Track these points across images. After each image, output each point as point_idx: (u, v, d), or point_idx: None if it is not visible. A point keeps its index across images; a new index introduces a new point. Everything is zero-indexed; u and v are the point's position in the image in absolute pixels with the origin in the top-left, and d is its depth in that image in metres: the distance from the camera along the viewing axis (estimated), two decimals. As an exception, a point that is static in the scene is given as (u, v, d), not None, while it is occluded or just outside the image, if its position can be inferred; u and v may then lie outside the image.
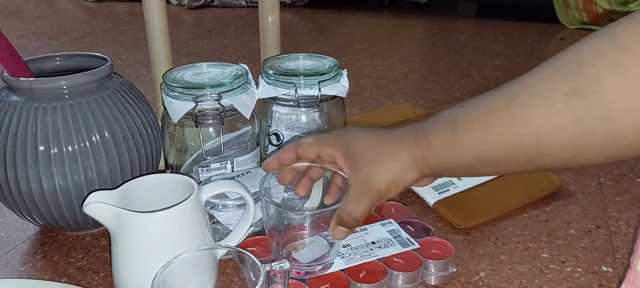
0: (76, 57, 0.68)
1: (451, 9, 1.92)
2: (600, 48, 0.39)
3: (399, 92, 1.16)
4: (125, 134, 0.62)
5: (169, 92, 0.64)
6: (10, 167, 0.59)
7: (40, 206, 0.60)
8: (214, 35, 1.68)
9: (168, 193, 0.54)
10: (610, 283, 0.59)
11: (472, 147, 0.45)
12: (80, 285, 0.59)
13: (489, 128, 0.44)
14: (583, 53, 0.40)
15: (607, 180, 0.79)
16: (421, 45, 1.62)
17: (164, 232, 0.50)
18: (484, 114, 0.44)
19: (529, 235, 0.67)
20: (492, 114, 0.44)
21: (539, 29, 1.68)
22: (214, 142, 0.65)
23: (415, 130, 0.49)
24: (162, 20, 0.73)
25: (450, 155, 0.47)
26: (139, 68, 1.35)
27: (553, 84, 0.40)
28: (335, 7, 2.02)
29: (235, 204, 0.59)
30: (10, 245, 0.66)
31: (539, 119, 0.41)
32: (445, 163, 0.48)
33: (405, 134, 0.50)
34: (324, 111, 0.71)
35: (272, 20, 0.80)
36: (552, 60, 0.42)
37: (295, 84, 0.66)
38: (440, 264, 0.58)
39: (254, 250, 0.59)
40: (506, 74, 1.28)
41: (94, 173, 0.60)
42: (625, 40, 0.38)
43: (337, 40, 1.65)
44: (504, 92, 0.44)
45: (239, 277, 0.59)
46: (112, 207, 0.49)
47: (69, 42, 1.61)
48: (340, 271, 0.56)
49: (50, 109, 0.59)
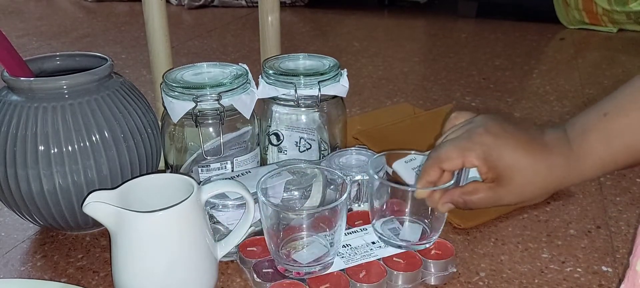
0: (76, 57, 0.68)
1: (451, 9, 1.92)
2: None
3: (399, 92, 1.16)
4: (125, 134, 0.62)
5: (169, 92, 0.64)
6: (10, 167, 0.59)
7: (40, 206, 0.60)
8: (214, 35, 1.68)
9: (168, 193, 0.54)
10: (610, 283, 0.59)
11: (627, 153, 0.45)
12: (80, 285, 0.59)
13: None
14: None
15: (607, 180, 0.79)
16: (421, 45, 1.62)
17: (164, 232, 0.50)
18: (635, 119, 0.44)
19: (529, 235, 0.67)
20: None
21: (539, 29, 1.68)
22: (214, 142, 0.65)
23: (561, 138, 0.48)
24: (162, 20, 0.73)
25: (601, 164, 0.46)
26: (139, 68, 1.35)
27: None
28: (335, 7, 2.02)
29: (235, 204, 0.59)
30: (10, 245, 0.66)
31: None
32: (596, 170, 0.47)
33: (554, 140, 0.48)
34: (324, 111, 0.71)
35: (272, 20, 0.80)
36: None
37: (295, 84, 0.66)
38: (440, 264, 0.58)
39: (254, 250, 0.59)
40: (506, 73, 1.28)
41: (94, 173, 0.60)
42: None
43: (337, 40, 1.65)
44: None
45: (241, 277, 0.60)
46: (112, 207, 0.49)
47: (69, 42, 1.61)
48: (340, 271, 0.56)
49: (50, 109, 0.59)
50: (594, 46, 1.52)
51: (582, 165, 0.47)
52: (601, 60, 1.38)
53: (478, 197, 0.51)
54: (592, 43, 1.54)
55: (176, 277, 0.51)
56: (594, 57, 1.42)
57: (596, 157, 0.46)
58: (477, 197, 0.51)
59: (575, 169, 0.47)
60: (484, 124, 0.50)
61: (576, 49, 1.48)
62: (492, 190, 0.50)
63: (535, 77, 1.27)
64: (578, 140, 0.47)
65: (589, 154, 0.46)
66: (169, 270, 0.50)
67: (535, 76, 1.28)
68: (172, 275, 0.50)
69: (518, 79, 1.25)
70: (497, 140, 0.49)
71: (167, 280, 0.50)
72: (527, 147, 0.48)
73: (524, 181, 0.48)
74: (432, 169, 0.52)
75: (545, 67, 1.36)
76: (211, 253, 0.54)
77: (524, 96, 1.14)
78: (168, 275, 0.50)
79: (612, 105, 0.46)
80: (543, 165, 0.47)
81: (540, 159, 0.47)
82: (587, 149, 0.46)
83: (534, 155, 0.47)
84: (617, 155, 0.45)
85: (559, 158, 0.47)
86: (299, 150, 0.71)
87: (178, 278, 0.51)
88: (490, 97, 1.14)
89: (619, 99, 0.46)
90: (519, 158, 0.48)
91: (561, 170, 0.47)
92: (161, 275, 0.50)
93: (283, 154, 0.71)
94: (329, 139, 0.73)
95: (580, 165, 0.47)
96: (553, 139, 0.48)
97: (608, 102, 0.46)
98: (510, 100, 1.12)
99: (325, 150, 0.72)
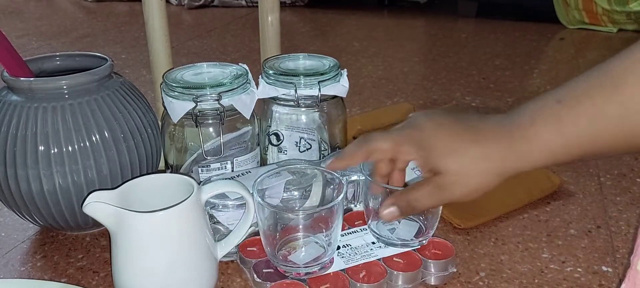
0: (76, 57, 0.68)
1: (451, 9, 1.92)
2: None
3: (399, 92, 1.16)
4: (125, 134, 0.62)
5: (169, 92, 0.64)
6: (10, 167, 0.59)
7: (40, 206, 0.60)
8: (214, 35, 1.68)
9: (168, 193, 0.54)
10: (610, 283, 0.59)
11: (579, 142, 0.43)
12: (80, 285, 0.59)
13: (597, 123, 0.42)
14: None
15: (607, 180, 0.79)
16: (421, 45, 1.62)
17: (164, 232, 0.50)
18: (590, 107, 0.42)
19: (529, 235, 0.67)
20: (600, 107, 0.41)
21: (539, 29, 1.68)
22: (214, 142, 0.65)
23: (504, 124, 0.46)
24: (162, 20, 0.73)
25: (551, 153, 0.44)
26: (139, 68, 1.35)
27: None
28: (335, 7, 2.02)
29: (235, 204, 0.59)
30: (10, 245, 0.66)
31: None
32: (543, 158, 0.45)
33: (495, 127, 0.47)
34: (324, 111, 0.71)
35: (272, 20, 0.80)
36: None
37: (295, 84, 0.66)
38: (440, 264, 0.58)
39: (254, 250, 0.59)
40: (506, 73, 1.28)
41: (94, 173, 0.60)
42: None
43: (336, 40, 1.65)
44: (607, 81, 0.42)
45: (241, 277, 0.59)
46: (112, 207, 0.49)
47: (69, 42, 1.61)
48: (340, 271, 0.56)
49: (50, 109, 0.59)
50: (594, 46, 1.52)
51: (530, 153, 0.45)
52: (601, 60, 1.36)
53: (420, 193, 0.49)
54: (592, 43, 1.54)
55: (176, 277, 0.51)
56: (594, 57, 1.42)
57: (545, 145, 0.44)
58: (420, 194, 0.49)
59: (520, 156, 0.45)
60: (417, 118, 0.49)
61: (576, 49, 1.48)
62: (433, 185, 0.48)
63: (535, 77, 1.27)
64: (526, 126, 0.45)
65: (538, 142, 0.44)
66: (169, 270, 0.50)
67: (535, 76, 1.28)
68: (172, 275, 0.50)
69: (518, 79, 1.25)
70: (429, 131, 0.48)
71: (167, 280, 0.50)
72: (462, 135, 0.47)
73: (461, 170, 0.47)
74: (355, 153, 0.51)
75: (545, 67, 1.36)
76: (211, 253, 0.54)
77: (524, 96, 1.14)
78: (168, 275, 0.50)
79: (566, 93, 0.44)
80: (478, 152, 0.46)
81: (474, 147, 0.46)
82: (536, 136, 0.44)
83: (467, 143, 0.46)
84: (569, 144, 0.43)
85: (497, 145, 0.45)
86: (299, 150, 0.71)
87: (178, 278, 0.51)
88: (490, 97, 1.14)
89: (573, 87, 0.44)
90: (452, 147, 0.47)
91: (500, 157, 0.45)
92: (161, 275, 0.50)
93: (283, 154, 0.71)
94: (329, 139, 0.73)
95: (526, 152, 0.45)
96: (492, 126, 0.47)
97: (562, 89, 0.44)
98: (510, 100, 1.12)
99: (326, 150, 0.72)
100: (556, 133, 0.43)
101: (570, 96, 0.43)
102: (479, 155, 0.46)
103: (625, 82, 0.40)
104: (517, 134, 0.45)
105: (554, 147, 0.44)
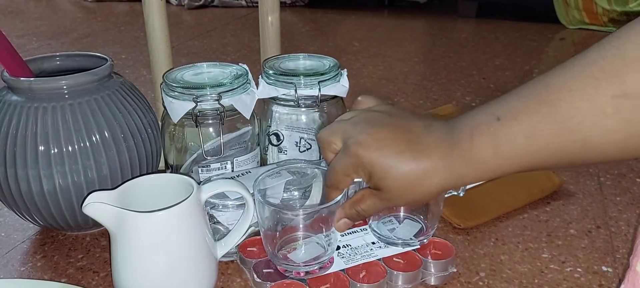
0: (76, 57, 0.68)
1: (451, 9, 1.92)
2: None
3: (399, 92, 1.16)
4: (125, 134, 0.62)
5: (169, 92, 0.64)
6: (10, 167, 0.59)
7: (40, 206, 0.60)
8: (214, 35, 1.68)
9: (168, 193, 0.54)
10: (610, 283, 0.59)
11: (515, 160, 0.43)
12: (80, 285, 0.59)
13: (534, 142, 0.41)
14: (627, 50, 0.38)
15: (607, 180, 0.79)
16: (421, 45, 1.62)
17: (164, 232, 0.50)
18: (527, 126, 0.41)
19: (529, 235, 0.67)
20: (536, 126, 0.41)
21: (539, 29, 1.68)
22: (214, 142, 0.65)
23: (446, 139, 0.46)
24: (162, 20, 0.73)
25: (488, 171, 0.44)
26: (139, 68, 1.35)
27: (600, 87, 0.38)
28: (335, 7, 2.02)
29: (235, 204, 0.59)
30: (10, 245, 0.66)
31: (588, 125, 0.39)
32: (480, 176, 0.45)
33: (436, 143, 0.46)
34: (324, 111, 0.71)
35: (272, 20, 0.80)
36: (589, 57, 0.41)
37: (295, 84, 0.66)
38: (440, 264, 0.58)
39: (254, 251, 0.59)
40: (506, 73, 1.28)
41: (94, 173, 0.60)
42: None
43: (337, 40, 1.65)
44: (544, 98, 0.41)
45: (241, 277, 0.59)
46: (111, 207, 0.49)
47: (69, 42, 1.61)
48: (340, 271, 0.56)
49: (50, 109, 0.59)
50: (594, 46, 1.52)
51: (468, 173, 0.45)
52: (601, 60, 1.38)
53: (366, 204, 0.50)
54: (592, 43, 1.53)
55: (176, 277, 0.51)
56: (594, 57, 1.42)
57: (482, 164, 0.44)
58: (366, 205, 0.50)
59: (460, 173, 0.45)
60: (355, 136, 0.49)
61: (576, 49, 1.48)
62: (376, 196, 0.49)
63: (536, 77, 1.27)
64: (466, 140, 0.44)
65: (475, 158, 0.44)
66: (168, 270, 0.50)
67: (535, 76, 1.28)
68: (172, 275, 0.50)
69: (518, 79, 1.25)
70: (368, 151, 0.47)
71: (167, 280, 0.50)
72: (403, 153, 0.46)
73: (401, 187, 0.47)
74: (341, 183, 0.52)
75: (545, 67, 1.36)
76: (211, 253, 0.54)
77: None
78: (168, 275, 0.50)
79: (505, 109, 0.43)
80: (420, 170, 0.46)
81: (415, 166, 0.46)
82: (473, 152, 0.44)
83: (408, 163, 0.46)
84: (504, 162, 0.43)
85: (438, 162, 0.45)
86: (299, 151, 0.71)
87: (178, 278, 0.51)
88: (491, 97, 1.13)
89: (512, 102, 0.43)
90: (392, 167, 0.46)
91: (441, 175, 0.45)
92: (161, 275, 0.50)
93: (283, 154, 0.71)
94: (329, 139, 0.73)
95: (465, 171, 0.45)
96: (435, 140, 0.46)
97: (501, 104, 0.44)
98: (510, 100, 1.12)
99: (325, 150, 0.72)
100: (493, 152, 0.43)
101: (509, 114, 0.42)
102: (420, 174, 0.46)
103: (562, 99, 0.40)
104: (457, 152, 0.44)
105: (491, 166, 0.44)
